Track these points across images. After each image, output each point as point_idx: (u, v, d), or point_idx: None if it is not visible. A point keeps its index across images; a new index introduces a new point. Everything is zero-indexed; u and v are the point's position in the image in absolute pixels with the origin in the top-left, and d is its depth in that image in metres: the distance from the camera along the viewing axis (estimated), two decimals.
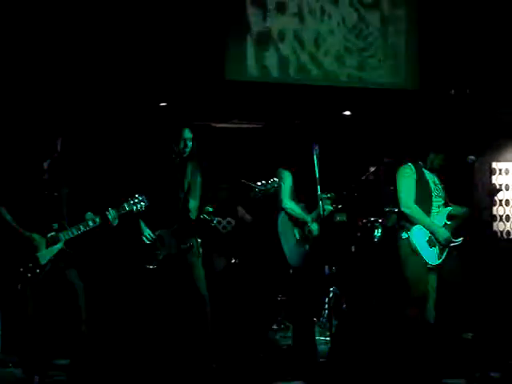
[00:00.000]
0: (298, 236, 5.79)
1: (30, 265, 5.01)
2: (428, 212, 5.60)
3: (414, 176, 5.61)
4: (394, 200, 6.91)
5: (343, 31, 7.50)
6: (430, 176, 5.67)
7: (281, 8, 7.42)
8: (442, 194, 5.70)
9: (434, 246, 5.57)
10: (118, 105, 7.29)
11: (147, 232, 5.47)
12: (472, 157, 5.67)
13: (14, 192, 5.12)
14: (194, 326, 5.48)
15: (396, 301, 6.90)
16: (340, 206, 6.61)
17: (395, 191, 5.70)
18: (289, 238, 5.78)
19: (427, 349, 5.26)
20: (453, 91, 7.83)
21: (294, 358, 5.78)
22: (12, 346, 5.85)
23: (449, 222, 5.64)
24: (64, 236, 5.11)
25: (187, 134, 5.53)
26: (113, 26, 6.81)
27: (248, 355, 6.33)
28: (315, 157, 5.43)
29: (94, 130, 7.40)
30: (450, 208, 5.69)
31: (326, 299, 6.91)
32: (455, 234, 5.64)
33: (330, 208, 5.92)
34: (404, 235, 5.59)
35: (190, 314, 5.83)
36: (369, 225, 7.18)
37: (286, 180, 5.78)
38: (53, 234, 5.09)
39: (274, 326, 7.24)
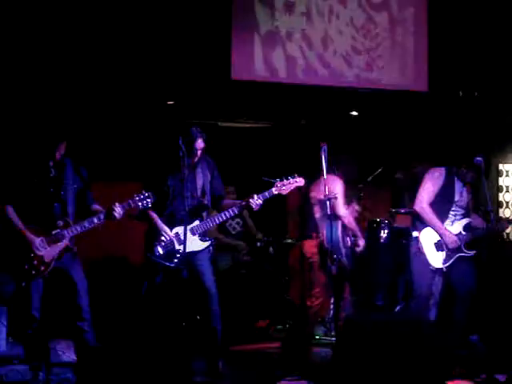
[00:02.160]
0: None
1: (35, 262, 5.01)
2: (443, 217, 5.62)
3: (442, 180, 5.63)
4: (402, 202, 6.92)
5: (351, 31, 7.48)
6: (458, 185, 5.67)
7: (289, 8, 7.39)
8: (465, 206, 5.71)
9: (442, 250, 5.60)
10: (125, 103, 7.29)
11: (165, 230, 5.39)
12: (480, 158, 5.65)
13: (20, 190, 5.11)
14: (204, 324, 5.46)
15: (401, 300, 6.93)
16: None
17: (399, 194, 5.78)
18: None
19: (431, 349, 5.25)
20: (461, 93, 7.81)
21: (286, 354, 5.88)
22: (17, 343, 5.86)
23: (464, 233, 5.64)
24: (69, 233, 5.11)
25: (200, 143, 5.43)
26: (122, 25, 6.81)
27: (253, 354, 6.33)
28: (323, 157, 5.41)
29: (102, 127, 7.42)
30: (469, 220, 5.69)
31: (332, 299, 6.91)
32: (470, 245, 5.65)
33: None
34: (415, 234, 5.68)
35: (199, 312, 5.83)
36: (375, 225, 7.17)
37: None
38: (58, 231, 5.09)
39: (279, 326, 7.24)
